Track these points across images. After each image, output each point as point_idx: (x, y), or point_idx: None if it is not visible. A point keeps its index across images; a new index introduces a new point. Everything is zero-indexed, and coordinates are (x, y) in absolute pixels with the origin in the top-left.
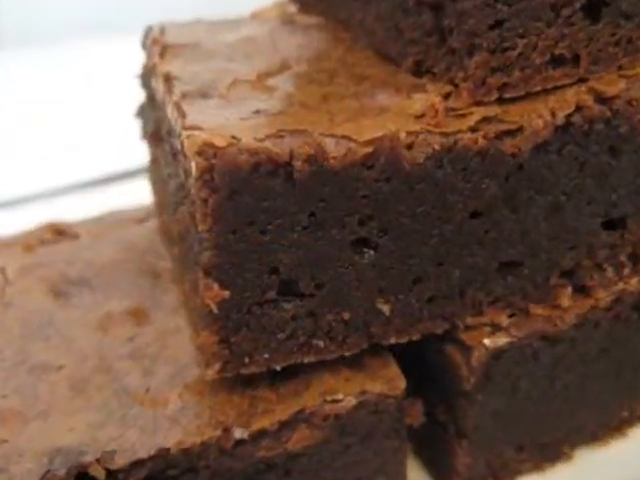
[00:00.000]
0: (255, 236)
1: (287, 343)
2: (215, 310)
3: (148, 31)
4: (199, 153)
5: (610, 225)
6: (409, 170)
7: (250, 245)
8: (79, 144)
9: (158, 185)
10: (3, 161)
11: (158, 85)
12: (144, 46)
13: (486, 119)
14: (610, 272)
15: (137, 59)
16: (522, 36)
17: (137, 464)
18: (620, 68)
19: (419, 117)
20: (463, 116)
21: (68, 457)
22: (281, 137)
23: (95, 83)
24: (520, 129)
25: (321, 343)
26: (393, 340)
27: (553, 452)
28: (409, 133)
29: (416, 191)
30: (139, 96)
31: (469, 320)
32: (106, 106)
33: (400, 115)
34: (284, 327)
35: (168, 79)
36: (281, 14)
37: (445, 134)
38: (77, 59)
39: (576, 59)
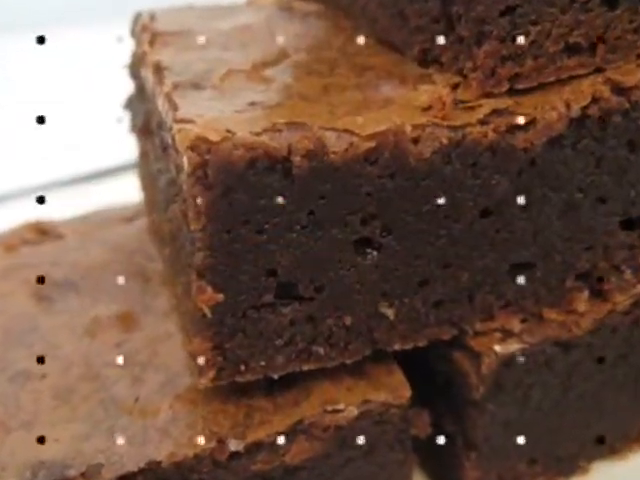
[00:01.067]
0: (251, 236)
1: (285, 349)
2: (209, 314)
3: (137, 18)
4: (191, 148)
5: (628, 224)
6: (415, 166)
7: (246, 245)
8: (63, 138)
9: (148, 181)
10: None
11: (148, 75)
12: (133, 34)
13: (496, 111)
14: (628, 274)
15: (126, 47)
16: (535, 23)
17: (125, 478)
18: (639, 57)
19: (425, 109)
20: (472, 108)
21: (52, 471)
22: (279, 131)
23: (80, 72)
24: (533, 122)
25: (321, 350)
26: (397, 346)
27: (568, 465)
28: (415, 126)
29: (422, 188)
30: (128, 87)
31: (478, 325)
32: (92, 97)
33: (405, 107)
34: (282, 332)
35: (158, 69)
36: (278, 0)
37: (453, 127)
38: (62, 47)
39: (592, 47)
